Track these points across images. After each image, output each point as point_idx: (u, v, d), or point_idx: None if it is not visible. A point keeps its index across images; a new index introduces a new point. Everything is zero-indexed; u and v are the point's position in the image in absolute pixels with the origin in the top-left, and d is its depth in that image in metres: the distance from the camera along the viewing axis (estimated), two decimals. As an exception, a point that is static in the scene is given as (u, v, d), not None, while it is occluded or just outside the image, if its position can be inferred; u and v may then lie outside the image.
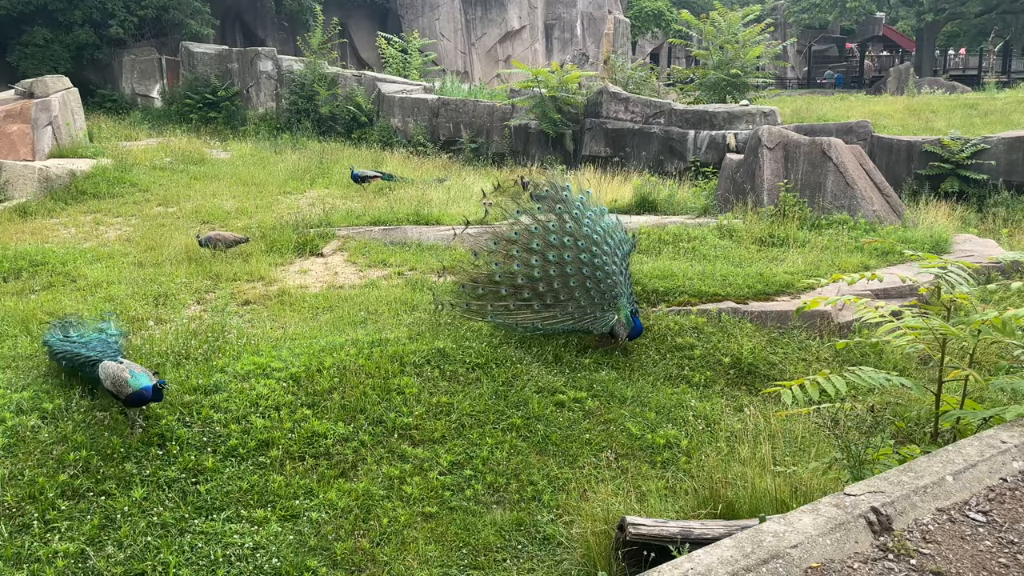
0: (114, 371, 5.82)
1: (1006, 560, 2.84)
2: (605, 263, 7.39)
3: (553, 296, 7.39)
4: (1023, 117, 19.43)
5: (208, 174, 15.73)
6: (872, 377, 4.06)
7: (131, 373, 5.79)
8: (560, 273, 7.35)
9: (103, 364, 5.96)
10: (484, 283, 7.49)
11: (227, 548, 5.09)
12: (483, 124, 20.54)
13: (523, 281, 7.37)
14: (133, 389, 5.74)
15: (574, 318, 7.46)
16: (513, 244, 7.48)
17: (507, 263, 7.44)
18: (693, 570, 2.68)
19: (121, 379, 5.76)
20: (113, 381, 5.79)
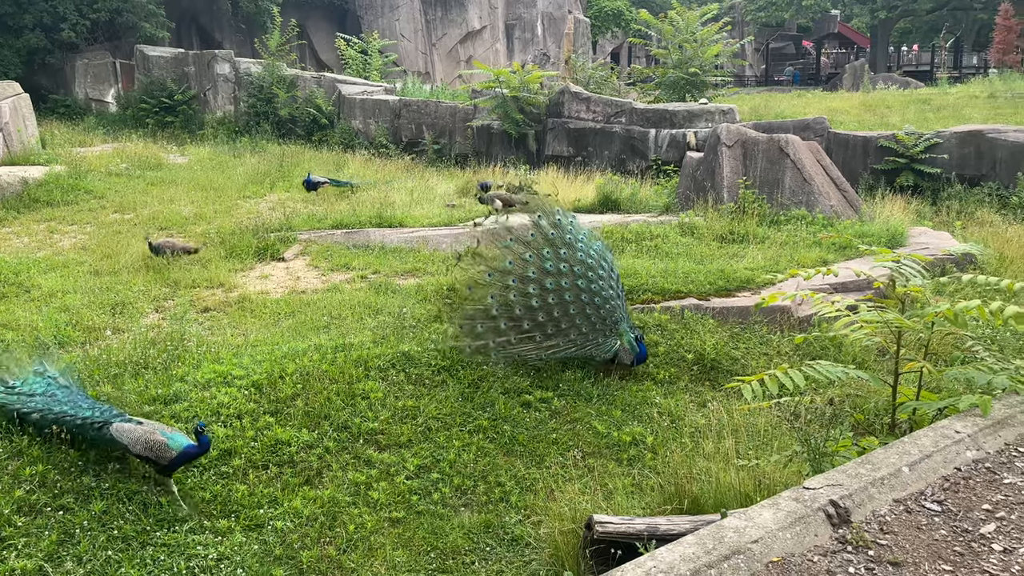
0: (143, 436, 5.32)
1: (960, 548, 2.90)
2: (602, 288, 7.20)
3: (554, 325, 7.15)
4: (974, 112, 19.90)
5: (165, 179, 15.47)
6: (830, 371, 4.13)
7: (163, 434, 5.34)
8: (559, 301, 7.11)
9: (118, 428, 5.39)
10: (481, 318, 7.15)
11: (190, 560, 5.00)
12: (446, 125, 20.49)
13: (521, 312, 7.11)
14: (177, 450, 5.31)
15: (576, 345, 7.24)
16: (508, 275, 7.18)
17: (503, 294, 7.14)
18: (656, 568, 2.70)
19: (158, 443, 5.27)
20: (147, 447, 5.28)
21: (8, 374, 5.97)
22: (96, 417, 5.58)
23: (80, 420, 5.60)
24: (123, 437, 5.41)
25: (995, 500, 3.19)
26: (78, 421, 5.60)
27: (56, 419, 5.62)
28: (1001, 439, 3.65)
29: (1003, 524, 3.03)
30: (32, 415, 5.69)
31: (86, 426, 5.57)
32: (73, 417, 5.62)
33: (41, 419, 5.67)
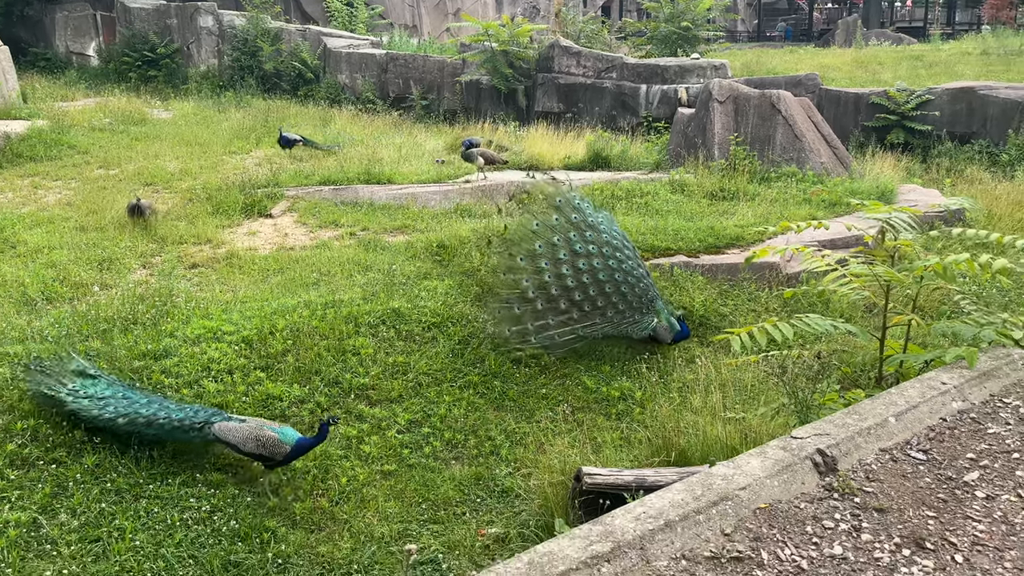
0: (253, 433, 5.22)
1: (944, 495, 2.96)
2: (633, 267, 7.17)
3: (591, 303, 7.10)
4: (966, 68, 19.79)
5: (150, 135, 15.24)
6: (819, 324, 4.16)
7: (271, 429, 5.26)
8: (593, 280, 7.07)
9: (222, 427, 5.27)
10: (517, 301, 7.07)
11: (184, 512, 5.05)
12: (434, 80, 20.21)
13: (557, 292, 7.05)
14: (291, 444, 5.26)
15: (613, 324, 7.18)
16: (540, 258, 7.11)
17: (538, 277, 7.07)
18: (645, 513, 2.74)
19: (269, 439, 5.21)
20: (260, 443, 5.20)
21: (62, 377, 5.62)
22: (194, 418, 5.36)
23: (177, 422, 5.33)
24: (230, 436, 5.26)
25: (979, 449, 3.25)
26: (175, 423, 5.33)
27: (148, 422, 5.35)
28: (986, 390, 3.70)
29: (986, 472, 3.09)
30: (117, 420, 5.36)
31: (183, 428, 5.32)
32: (168, 419, 5.34)
33: (129, 424, 5.36)
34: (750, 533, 2.72)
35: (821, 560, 2.61)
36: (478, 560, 4.93)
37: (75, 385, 5.60)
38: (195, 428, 5.33)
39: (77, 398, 5.49)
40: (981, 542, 2.69)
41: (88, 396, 5.50)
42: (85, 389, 5.56)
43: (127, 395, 5.57)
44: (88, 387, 5.59)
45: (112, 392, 5.56)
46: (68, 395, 5.51)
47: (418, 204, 10.89)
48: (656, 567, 2.55)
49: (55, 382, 5.59)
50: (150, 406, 5.45)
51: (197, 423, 5.34)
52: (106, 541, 4.76)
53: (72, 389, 5.56)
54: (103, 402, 5.47)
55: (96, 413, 5.41)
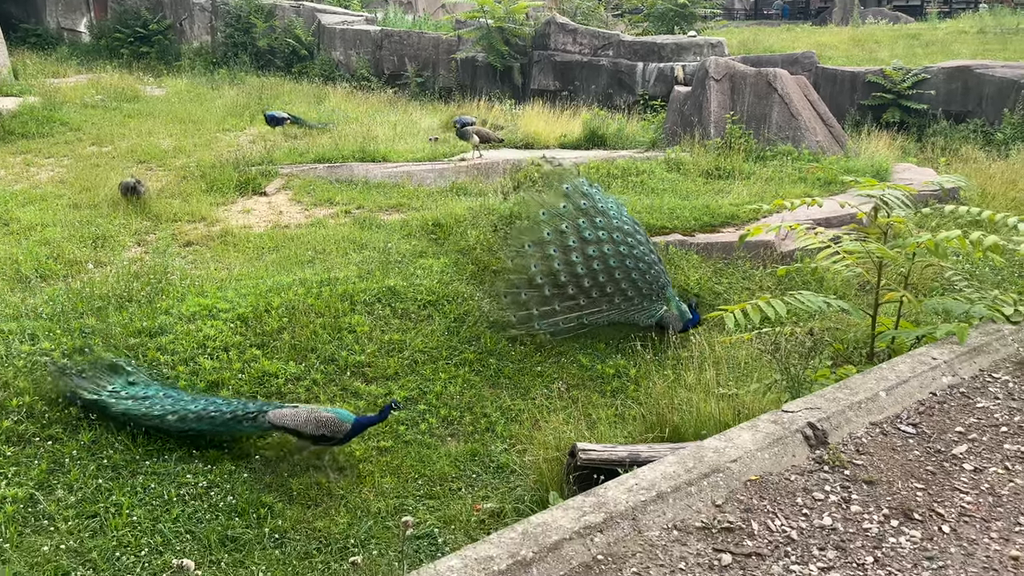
0: (310, 416, 5.28)
1: (932, 468, 3.00)
2: (645, 253, 7.13)
3: (599, 290, 7.08)
4: (963, 47, 19.70)
5: (143, 112, 15.14)
6: (812, 301, 4.18)
7: (326, 411, 5.35)
8: (604, 267, 7.06)
9: (277, 414, 5.31)
10: (525, 287, 7.07)
11: (181, 488, 5.09)
12: (429, 57, 20.07)
13: (566, 279, 7.03)
14: (350, 422, 5.34)
15: (621, 310, 7.14)
16: (549, 244, 7.09)
17: (546, 263, 7.06)
18: (638, 485, 2.77)
19: (328, 419, 5.28)
20: (320, 424, 5.26)
21: (99, 379, 5.54)
22: (246, 408, 5.39)
23: (229, 414, 5.35)
24: (287, 421, 5.29)
25: (968, 423, 3.29)
26: (227, 415, 5.35)
27: (199, 417, 5.34)
28: (976, 365, 3.74)
29: (974, 445, 3.13)
30: (167, 417, 5.34)
31: (237, 419, 5.35)
32: (220, 412, 5.35)
33: (179, 420, 5.34)
34: (741, 504, 2.76)
35: (811, 530, 2.65)
36: (474, 534, 4.98)
37: (115, 386, 5.52)
38: (249, 418, 5.35)
39: (120, 399, 5.42)
40: (968, 513, 2.73)
41: (131, 396, 5.45)
42: (126, 389, 5.50)
43: (168, 392, 5.53)
44: (128, 387, 5.52)
45: (154, 391, 5.52)
46: (110, 397, 5.44)
47: (413, 182, 10.86)
48: (648, 537, 2.59)
49: (93, 385, 5.49)
50: (196, 402, 5.45)
51: (251, 413, 5.36)
52: (103, 516, 4.80)
53: (113, 391, 5.48)
54: (148, 401, 5.42)
55: (144, 411, 5.37)
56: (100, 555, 4.54)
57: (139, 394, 5.47)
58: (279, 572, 4.59)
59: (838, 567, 2.47)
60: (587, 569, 2.43)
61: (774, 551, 2.55)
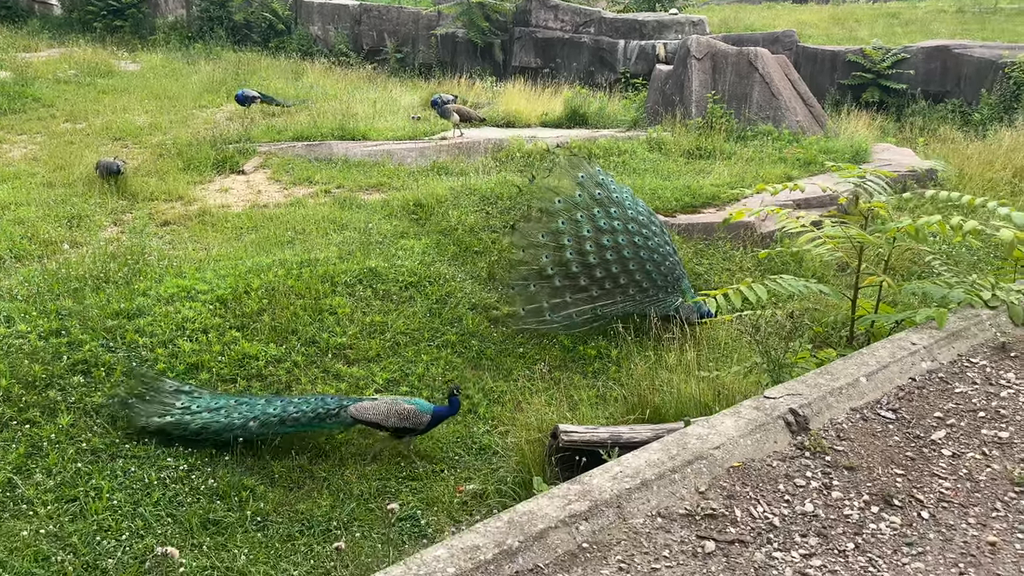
0: (391, 408, 5.35)
1: (912, 453, 3.04)
2: (660, 244, 6.97)
3: (612, 280, 6.92)
4: (942, 26, 19.78)
5: (117, 87, 14.86)
6: (792, 284, 4.20)
7: (406, 402, 5.42)
8: (617, 257, 6.90)
9: (359, 408, 5.36)
10: (535, 279, 6.94)
11: (161, 471, 5.06)
12: (408, 32, 19.84)
13: (578, 269, 6.90)
14: (429, 413, 5.43)
15: (635, 301, 6.97)
16: (562, 235, 6.95)
17: (558, 254, 6.93)
18: (622, 473, 2.79)
19: (408, 411, 5.37)
20: (402, 416, 5.35)
21: (165, 400, 5.41)
22: (327, 405, 5.39)
23: (312, 413, 5.34)
24: (369, 415, 5.34)
25: (947, 408, 3.33)
26: (310, 415, 5.34)
27: (282, 420, 5.30)
28: (955, 350, 3.78)
29: (953, 431, 3.17)
30: (249, 425, 5.25)
31: (320, 417, 5.35)
32: (302, 413, 5.33)
33: (262, 426, 5.28)
34: (724, 491, 2.79)
35: (792, 517, 2.68)
36: (456, 516, 5.00)
37: (182, 402, 5.39)
38: (332, 415, 5.35)
39: (196, 415, 5.30)
40: (946, 499, 2.77)
41: (205, 409, 5.33)
42: (195, 403, 5.39)
43: (238, 399, 5.45)
44: (195, 401, 5.41)
45: (224, 401, 5.40)
46: (185, 414, 5.30)
47: (394, 161, 10.77)
48: (632, 524, 2.61)
49: (160, 407, 5.36)
50: (271, 404, 5.38)
51: (332, 410, 5.36)
52: (83, 500, 4.77)
53: (184, 407, 5.36)
54: (222, 412, 5.32)
55: (225, 422, 5.26)
56: (80, 539, 4.51)
57: (211, 405, 5.35)
58: (262, 555, 4.59)
59: (820, 553, 2.50)
60: (572, 557, 2.44)
61: (757, 538, 2.58)
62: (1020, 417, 3.28)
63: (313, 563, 4.58)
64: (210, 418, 5.27)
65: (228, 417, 5.28)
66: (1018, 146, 11.63)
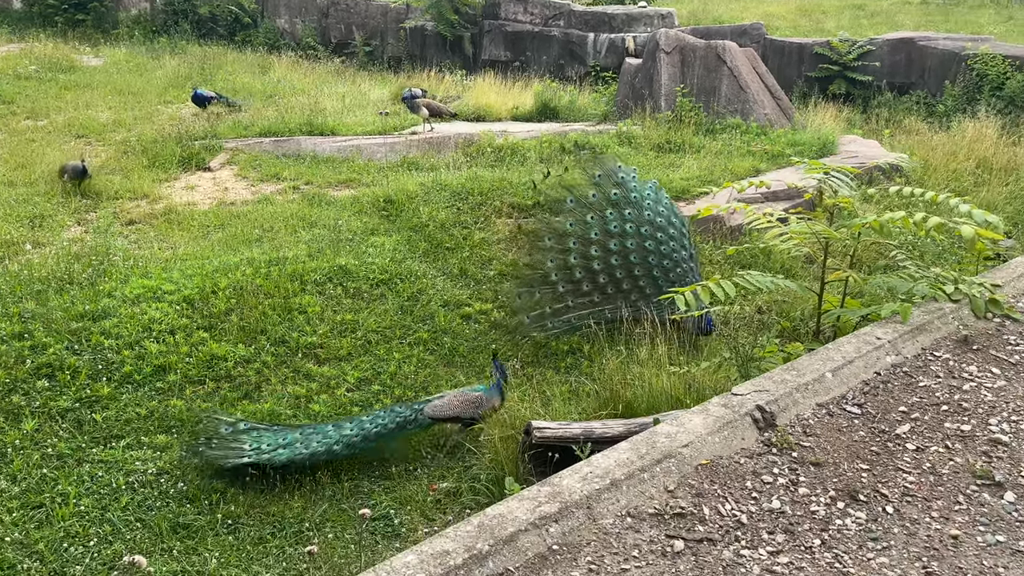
0: (462, 402, 5.46)
1: (877, 448, 3.09)
2: (673, 249, 6.74)
3: (615, 286, 6.76)
4: (907, 18, 20.03)
5: (80, 83, 14.58)
6: (759, 280, 4.24)
7: (471, 391, 5.53)
8: (622, 262, 6.73)
9: (433, 407, 5.46)
10: (539, 284, 6.79)
11: (129, 475, 5.00)
12: (377, 26, 19.68)
13: (581, 275, 6.74)
14: (498, 392, 5.53)
15: (636, 308, 6.79)
16: (568, 237, 6.80)
17: (563, 258, 6.76)
18: (592, 473, 2.80)
19: (480, 399, 5.49)
20: (476, 405, 5.47)
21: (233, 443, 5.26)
22: (404, 414, 5.45)
23: (394, 425, 5.41)
24: (446, 412, 5.44)
25: (911, 402, 3.38)
26: (391, 427, 5.41)
27: (365, 437, 5.33)
28: (919, 344, 3.84)
29: (917, 425, 3.23)
30: (334, 449, 5.25)
31: (401, 426, 5.42)
32: (383, 426, 5.40)
33: (347, 448, 5.29)
34: (692, 489, 2.81)
35: (760, 514, 2.71)
36: (429, 514, 5.00)
37: (249, 444, 5.25)
38: (411, 421, 5.43)
39: (275, 452, 5.20)
40: (911, 493, 2.82)
41: (277, 446, 5.24)
42: (261, 443, 5.27)
43: (302, 430, 5.38)
44: (257, 441, 5.28)
45: (291, 436, 5.31)
46: (260, 453, 5.18)
47: (363, 157, 10.69)
48: (602, 525, 2.62)
49: (234, 451, 5.22)
50: (341, 428, 5.35)
51: (410, 416, 5.43)
52: (49, 507, 4.70)
53: (253, 448, 5.23)
54: (298, 444, 5.25)
55: (308, 452, 5.20)
56: (47, 546, 4.44)
57: (280, 442, 5.28)
58: (233, 558, 4.55)
59: (787, 550, 2.53)
60: (543, 560, 2.45)
61: (725, 536, 2.60)
62: (982, 410, 3.34)
63: (285, 565, 4.55)
64: (291, 453, 5.21)
65: (308, 448, 5.23)
66: (981, 137, 11.83)
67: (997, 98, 13.69)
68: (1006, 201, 9.98)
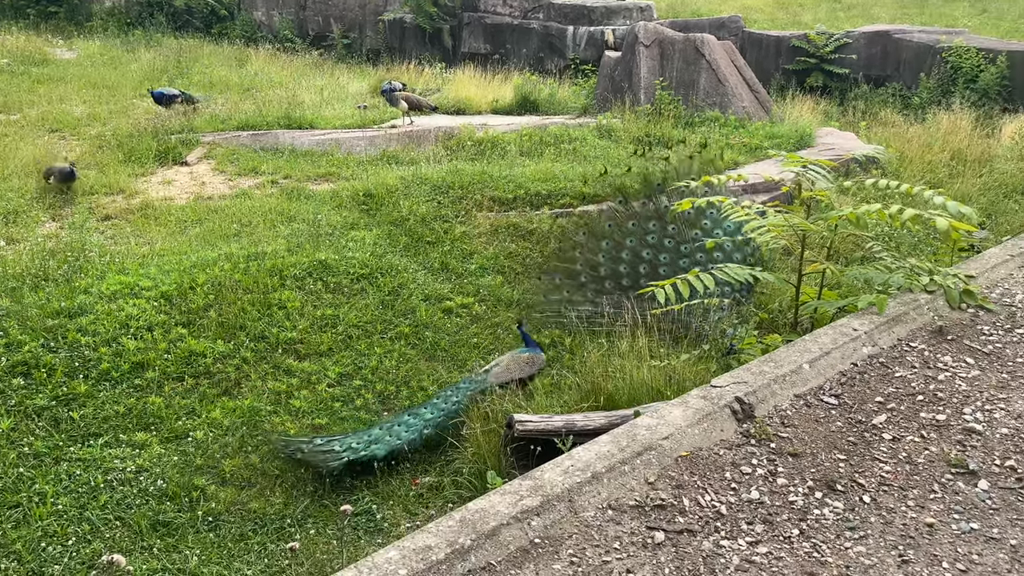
0: (518, 362, 5.86)
1: (854, 438, 3.13)
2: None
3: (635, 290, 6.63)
4: (882, 11, 20.20)
5: (53, 76, 14.37)
6: (738, 273, 4.28)
7: (520, 352, 5.97)
8: (649, 272, 6.72)
9: (494, 376, 5.74)
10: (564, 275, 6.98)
11: (108, 473, 4.96)
12: (355, 18, 19.56)
13: (605, 272, 6.87)
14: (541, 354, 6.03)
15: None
16: (604, 239, 6.93)
17: (591, 257, 6.94)
18: (573, 467, 2.81)
19: (533, 359, 5.95)
20: (531, 364, 5.91)
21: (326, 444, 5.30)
22: (472, 386, 5.69)
23: (467, 399, 5.59)
24: (506, 376, 5.76)
25: (887, 393, 3.43)
26: (465, 401, 5.58)
27: (447, 413, 5.50)
28: (895, 335, 3.89)
29: (893, 415, 3.27)
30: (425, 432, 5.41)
31: (473, 398, 5.59)
32: (459, 401, 5.60)
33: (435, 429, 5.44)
34: (672, 481, 2.83)
35: (739, 505, 2.73)
36: (412, 509, 5.00)
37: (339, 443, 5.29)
38: (482, 391, 5.62)
39: (371, 445, 5.27)
40: (887, 482, 2.86)
41: (371, 441, 5.32)
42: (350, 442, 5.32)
43: (380, 426, 5.46)
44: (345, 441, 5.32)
45: (376, 432, 5.38)
46: (354, 452, 5.22)
47: (342, 150, 10.63)
48: (584, 518, 2.63)
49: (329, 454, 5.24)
50: (422, 413, 5.50)
51: (480, 386, 5.66)
52: (26, 506, 4.64)
53: (348, 446, 5.27)
54: (389, 437, 5.35)
55: (403, 441, 5.34)
56: (24, 546, 4.39)
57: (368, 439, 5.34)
58: (214, 555, 4.53)
59: (765, 540, 2.56)
60: (524, 553, 2.46)
61: (704, 527, 2.63)
62: (956, 400, 3.39)
63: (267, 562, 4.53)
64: (387, 446, 5.29)
65: (400, 438, 5.36)
66: (955, 129, 11.97)
67: (971, 90, 13.85)
68: (980, 192, 10.11)
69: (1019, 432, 3.18)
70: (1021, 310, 4.28)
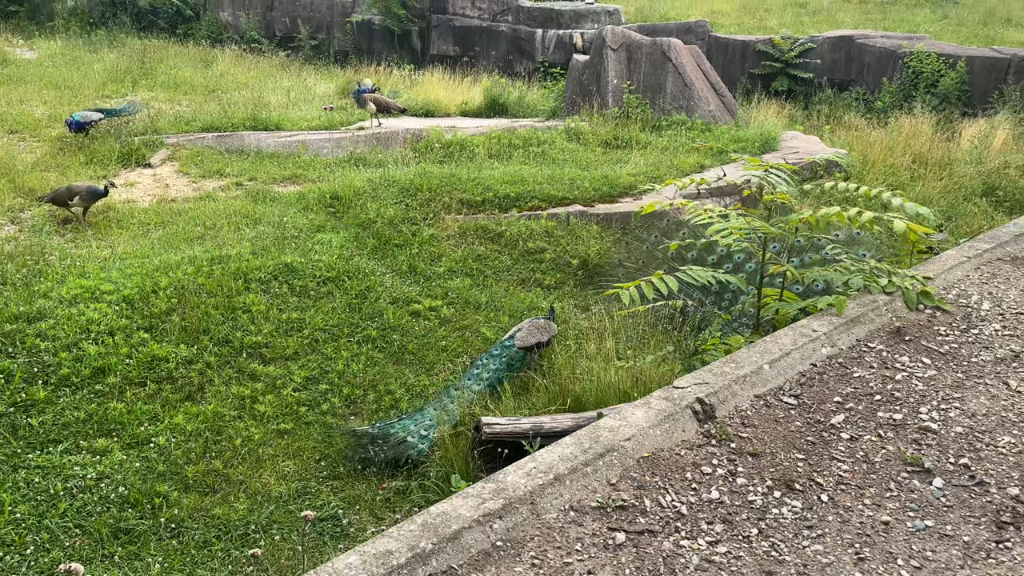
0: (540, 327, 6.18)
1: (812, 438, 3.17)
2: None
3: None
4: (847, 16, 20.52)
5: (13, 77, 14.09)
6: (701, 275, 4.32)
7: (536, 320, 6.30)
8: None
9: (520, 341, 6.08)
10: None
11: (68, 481, 4.87)
12: (323, 19, 19.44)
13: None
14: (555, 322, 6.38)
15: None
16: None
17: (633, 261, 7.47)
18: (536, 468, 2.82)
19: (549, 324, 6.27)
20: (547, 329, 6.23)
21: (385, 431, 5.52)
22: (505, 353, 6.08)
23: (503, 365, 6.01)
24: (529, 340, 6.12)
25: (845, 393, 3.48)
26: (503, 368, 5.99)
27: (490, 382, 5.88)
28: (853, 336, 3.96)
29: (851, 415, 3.32)
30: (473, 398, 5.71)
31: (509, 364, 6.05)
32: (498, 369, 5.99)
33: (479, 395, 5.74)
34: (634, 482, 2.85)
35: (699, 505, 2.76)
36: (379, 513, 4.98)
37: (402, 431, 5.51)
38: (514, 357, 6.08)
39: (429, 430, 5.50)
40: (845, 481, 2.91)
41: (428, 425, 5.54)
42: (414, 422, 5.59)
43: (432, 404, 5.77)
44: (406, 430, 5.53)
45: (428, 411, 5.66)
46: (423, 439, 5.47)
47: (309, 152, 10.55)
48: (545, 519, 2.64)
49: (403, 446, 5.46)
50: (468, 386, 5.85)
51: (510, 353, 6.08)
52: (-17, 516, 4.55)
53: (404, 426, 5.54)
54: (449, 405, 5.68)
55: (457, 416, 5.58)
56: (-19, 556, 4.31)
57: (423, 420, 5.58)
58: (177, 563, 4.47)
59: (725, 540, 2.59)
60: (486, 556, 2.46)
61: (665, 527, 2.65)
62: (913, 399, 3.45)
63: (231, 569, 4.48)
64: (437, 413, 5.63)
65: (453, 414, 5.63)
66: (916, 133, 12.20)
67: (932, 95, 14.13)
68: (940, 195, 10.32)
69: (973, 431, 3.25)
70: (976, 311, 4.38)
